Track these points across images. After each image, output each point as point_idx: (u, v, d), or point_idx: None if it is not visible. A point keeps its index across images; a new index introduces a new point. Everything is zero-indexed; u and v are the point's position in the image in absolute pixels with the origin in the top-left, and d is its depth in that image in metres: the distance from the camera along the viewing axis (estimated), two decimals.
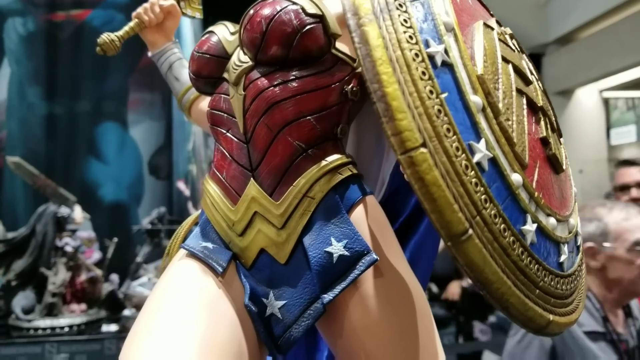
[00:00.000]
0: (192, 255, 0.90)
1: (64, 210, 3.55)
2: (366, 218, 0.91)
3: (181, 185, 5.30)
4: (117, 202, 4.78)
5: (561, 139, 0.83)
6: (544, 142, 0.74)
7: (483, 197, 0.59)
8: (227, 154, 0.95)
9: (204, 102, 1.30)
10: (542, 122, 0.75)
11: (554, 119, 0.79)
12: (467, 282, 5.26)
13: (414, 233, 1.04)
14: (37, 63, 4.68)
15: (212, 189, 0.95)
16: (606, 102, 7.38)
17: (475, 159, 0.60)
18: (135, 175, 4.91)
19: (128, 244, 4.24)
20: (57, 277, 3.48)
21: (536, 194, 0.67)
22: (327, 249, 0.86)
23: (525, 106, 0.71)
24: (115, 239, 3.84)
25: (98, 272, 3.66)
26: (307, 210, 0.88)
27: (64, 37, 4.77)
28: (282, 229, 0.89)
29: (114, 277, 3.80)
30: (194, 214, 1.05)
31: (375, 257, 0.86)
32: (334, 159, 0.91)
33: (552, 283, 0.67)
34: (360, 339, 0.87)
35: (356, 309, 0.87)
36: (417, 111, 0.56)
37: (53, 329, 3.39)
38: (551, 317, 0.64)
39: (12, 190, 4.53)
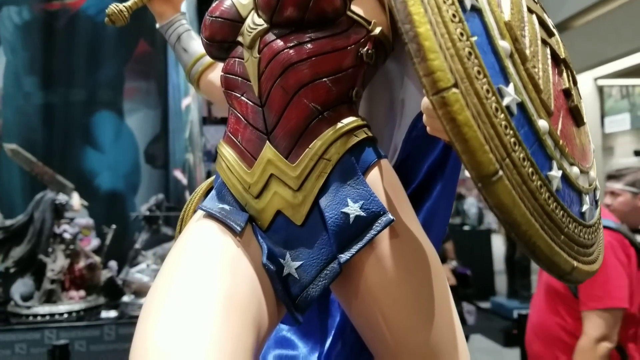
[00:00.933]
0: (210, 216, 0.91)
1: (62, 198, 3.54)
2: (381, 180, 0.92)
3: (178, 174, 5.29)
4: (113, 191, 4.75)
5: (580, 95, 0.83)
6: (567, 93, 0.75)
7: (512, 140, 0.59)
8: (242, 117, 0.95)
9: (213, 73, 1.30)
10: (564, 74, 0.75)
11: (574, 72, 0.80)
12: (452, 265, 5.30)
13: (427, 199, 1.05)
14: (33, 52, 4.64)
15: (227, 152, 0.95)
16: (600, 90, 7.41)
17: (505, 102, 0.60)
18: (131, 164, 4.88)
19: (125, 231, 4.23)
20: (56, 264, 3.47)
21: (561, 141, 0.68)
22: (343, 210, 0.87)
23: (549, 56, 0.72)
24: (114, 226, 3.83)
25: (96, 259, 3.66)
26: (323, 172, 0.89)
27: (59, 26, 4.73)
28: (298, 191, 0.89)
29: (113, 264, 3.80)
30: (208, 180, 1.05)
31: (392, 217, 0.86)
32: (349, 121, 0.92)
33: (576, 231, 0.67)
34: (377, 298, 0.88)
35: (372, 269, 0.88)
36: (449, 52, 0.56)
37: (52, 315, 3.39)
38: (575, 263, 0.65)
39: (9, 179, 4.50)
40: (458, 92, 0.56)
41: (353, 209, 0.86)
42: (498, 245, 7.86)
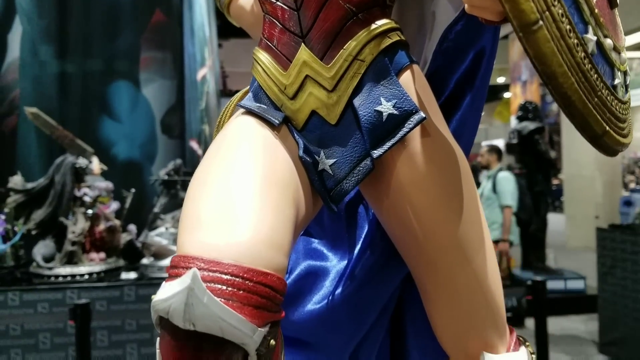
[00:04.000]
0: (248, 112, 0.93)
1: (82, 161, 3.59)
2: (414, 83, 0.93)
3: (194, 144, 5.33)
4: (130, 160, 4.81)
5: None
6: None
7: None
8: (277, 22, 0.97)
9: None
10: None
11: None
12: None
13: (457, 110, 1.06)
14: (49, 21, 4.68)
15: (263, 56, 0.97)
16: None
17: None
18: (148, 134, 4.93)
19: (144, 198, 4.28)
20: (77, 226, 3.53)
21: (596, 10, 0.69)
22: (376, 108, 0.88)
23: None
24: (133, 190, 3.88)
25: (116, 222, 3.71)
26: (357, 72, 0.91)
27: None
28: (332, 91, 0.91)
29: (132, 227, 3.86)
30: (243, 89, 1.07)
31: (423, 115, 0.88)
32: (382, 23, 0.93)
33: (609, 98, 0.69)
34: (407, 194, 0.90)
35: (404, 166, 0.90)
36: None
37: (73, 276, 3.46)
38: (607, 127, 0.66)
39: (27, 144, 4.56)
40: None
41: (386, 108, 0.88)
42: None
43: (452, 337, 1.01)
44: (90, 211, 3.59)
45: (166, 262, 3.45)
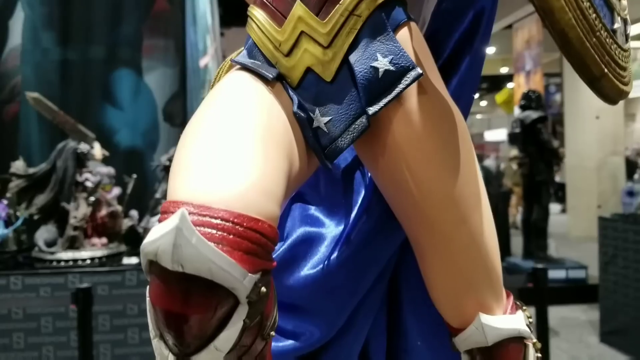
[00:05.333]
0: (243, 68, 0.92)
1: (83, 147, 3.59)
2: (411, 40, 0.92)
3: None
4: (132, 148, 4.80)
5: None
6: None
7: None
8: None
9: None
10: None
11: None
12: None
13: (455, 72, 1.06)
14: (51, 7, 4.67)
15: (258, 13, 0.96)
16: None
17: None
18: (150, 122, 4.92)
19: (145, 184, 4.28)
20: (78, 211, 3.53)
21: None
22: (373, 64, 0.88)
23: None
24: (134, 176, 3.88)
25: (118, 207, 3.71)
26: (354, 28, 0.90)
27: None
28: (328, 47, 0.90)
29: (134, 213, 3.86)
30: (238, 50, 1.07)
31: (420, 71, 0.87)
32: None
33: (608, 41, 0.68)
34: (404, 152, 0.90)
35: (400, 123, 0.89)
36: None
37: (75, 261, 3.46)
38: (606, 70, 0.66)
39: (29, 129, 4.56)
40: None
41: (382, 64, 0.87)
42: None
43: (447, 298, 1.01)
44: (92, 198, 3.60)
45: None
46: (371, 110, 0.87)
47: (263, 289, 0.70)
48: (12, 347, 3.29)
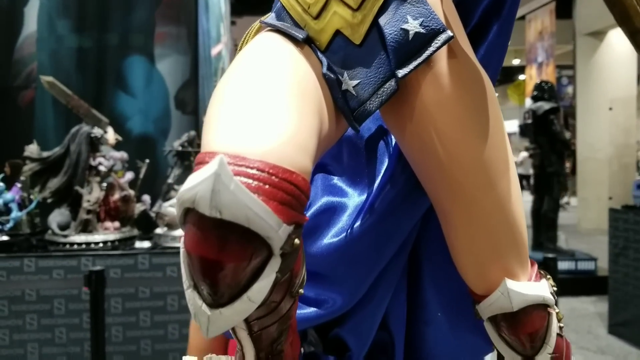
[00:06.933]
0: (271, 30, 0.92)
1: (97, 131, 3.61)
2: (441, 4, 0.92)
3: None
4: (144, 135, 4.82)
5: None
6: None
7: None
8: None
9: None
10: None
11: None
12: None
13: (484, 40, 1.05)
14: None
15: None
16: None
17: None
18: (162, 109, 4.93)
19: (158, 170, 4.30)
20: (91, 195, 3.56)
21: None
22: (403, 27, 0.87)
23: None
24: (147, 161, 3.90)
25: (131, 191, 3.73)
26: None
27: None
28: (357, 10, 0.90)
29: (146, 197, 3.88)
30: (268, 13, 1.07)
31: (451, 34, 0.87)
32: None
33: None
34: (432, 115, 0.90)
35: (429, 87, 0.89)
36: None
37: (88, 244, 3.49)
38: None
39: (43, 114, 4.59)
40: None
41: (412, 26, 0.87)
42: (525, 199, 7.84)
43: (472, 264, 1.01)
44: (105, 182, 3.62)
45: (179, 232, 3.48)
46: (400, 73, 0.87)
47: (296, 240, 0.71)
48: (25, 329, 3.33)
